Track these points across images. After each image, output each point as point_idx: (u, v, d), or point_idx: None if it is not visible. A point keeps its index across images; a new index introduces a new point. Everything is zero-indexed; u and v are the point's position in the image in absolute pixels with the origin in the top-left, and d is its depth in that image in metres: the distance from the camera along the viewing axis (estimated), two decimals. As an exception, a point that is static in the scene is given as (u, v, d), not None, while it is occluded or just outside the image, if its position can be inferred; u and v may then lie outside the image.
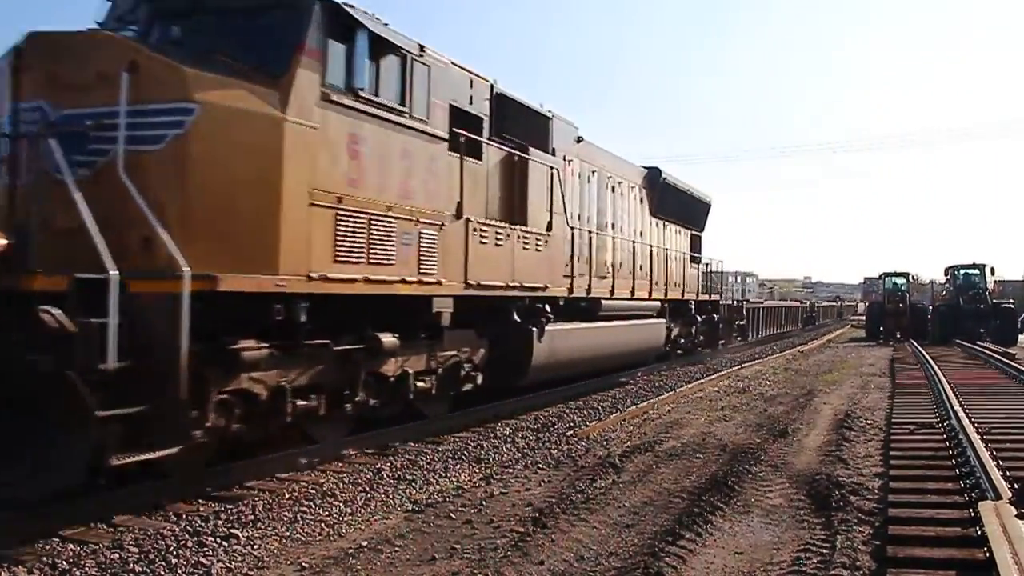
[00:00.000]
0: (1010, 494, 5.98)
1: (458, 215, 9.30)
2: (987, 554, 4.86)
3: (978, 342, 28.45)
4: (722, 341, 23.54)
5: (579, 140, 13.56)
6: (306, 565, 5.10)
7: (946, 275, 36.62)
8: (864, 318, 41.03)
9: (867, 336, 35.11)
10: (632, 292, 15.65)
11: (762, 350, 27.23)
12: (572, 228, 12.70)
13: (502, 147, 10.80)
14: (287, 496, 6.68)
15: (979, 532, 5.33)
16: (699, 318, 20.80)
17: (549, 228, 11.75)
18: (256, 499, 6.54)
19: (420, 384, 8.97)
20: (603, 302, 13.95)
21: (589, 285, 13.39)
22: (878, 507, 6.35)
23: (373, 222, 7.78)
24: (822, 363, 21.71)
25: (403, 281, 8.26)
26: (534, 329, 11.03)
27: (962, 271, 34.43)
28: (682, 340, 19.85)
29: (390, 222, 8.04)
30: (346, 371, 7.83)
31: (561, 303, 12.22)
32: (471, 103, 10.04)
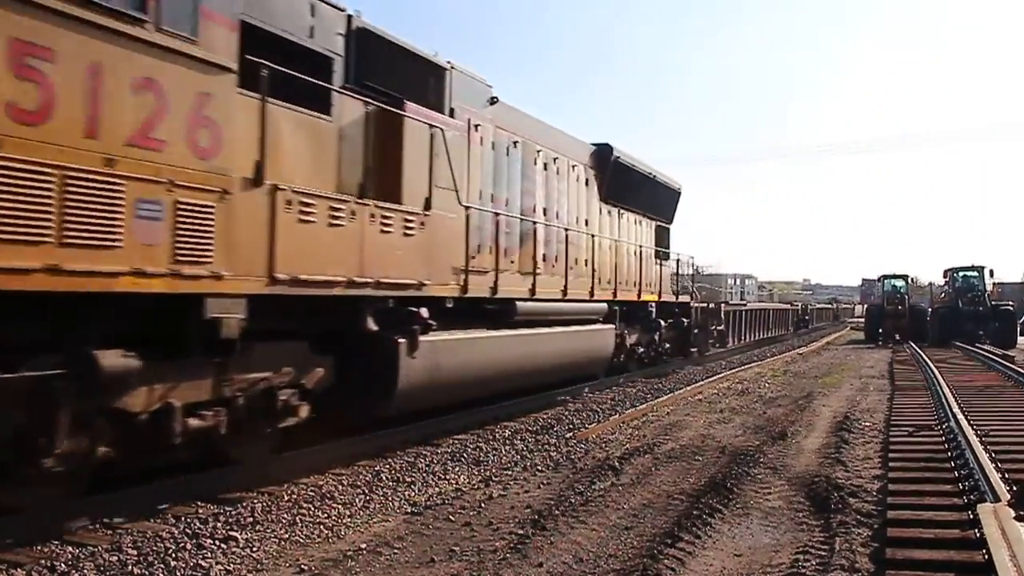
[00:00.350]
0: (1009, 496, 5.99)
1: (257, 181, 6.58)
2: (986, 556, 4.87)
3: (977, 344, 28.49)
4: (694, 349, 20.63)
5: (493, 101, 10.85)
6: (305, 567, 5.10)
7: (945, 277, 36.65)
8: (863, 320, 41.07)
9: (866, 338, 35.15)
10: (564, 292, 12.77)
11: (747, 355, 27.12)
12: (468, 208, 9.84)
13: (364, 99, 8.20)
14: (286, 498, 6.67)
15: (978, 534, 5.34)
16: (663, 323, 17.89)
17: (428, 207, 8.80)
18: (255, 501, 6.54)
19: (197, 422, 6.33)
20: (519, 304, 11.17)
21: (496, 282, 10.55)
22: (877, 509, 6.36)
23: (72, 182, 5.17)
24: (821, 365, 21.72)
25: (139, 273, 5.60)
26: (402, 341, 8.33)
27: (961, 273, 34.47)
28: (640, 349, 16.94)
29: (112, 184, 5.41)
30: (38, 409, 5.30)
31: (449, 305, 9.49)
32: (311, 35, 7.65)
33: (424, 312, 8.70)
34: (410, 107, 8.68)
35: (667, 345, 18.57)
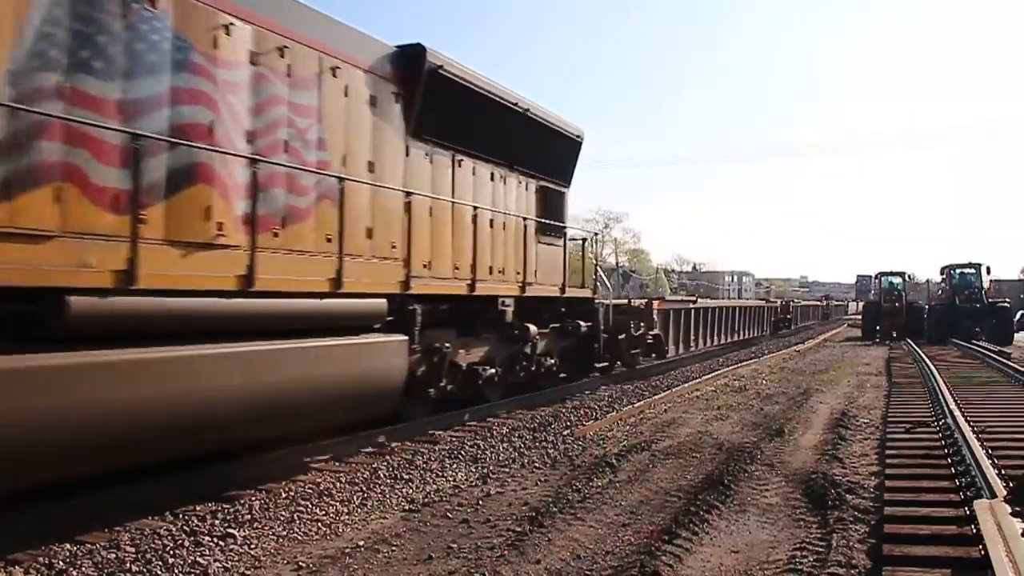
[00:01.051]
0: (1005, 492, 6.01)
1: None
2: (982, 552, 4.88)
3: (974, 341, 28.54)
4: (603, 364, 15.37)
5: None
6: (303, 564, 5.10)
7: (942, 274, 36.73)
8: (859, 318, 41.09)
9: (863, 336, 35.24)
10: (249, 279, 6.92)
11: (746, 353, 27.10)
12: None
13: None
14: (284, 496, 6.68)
15: (974, 530, 5.35)
16: (533, 330, 12.11)
17: None
18: (253, 498, 6.54)
19: None
20: (77, 301, 5.45)
21: None
22: (874, 505, 6.37)
23: None
24: (818, 362, 21.74)
25: None
26: None
27: (958, 270, 34.52)
28: (491, 371, 11.24)
29: None
30: None
31: None
32: None
33: None
34: None
35: (551, 361, 13.16)
